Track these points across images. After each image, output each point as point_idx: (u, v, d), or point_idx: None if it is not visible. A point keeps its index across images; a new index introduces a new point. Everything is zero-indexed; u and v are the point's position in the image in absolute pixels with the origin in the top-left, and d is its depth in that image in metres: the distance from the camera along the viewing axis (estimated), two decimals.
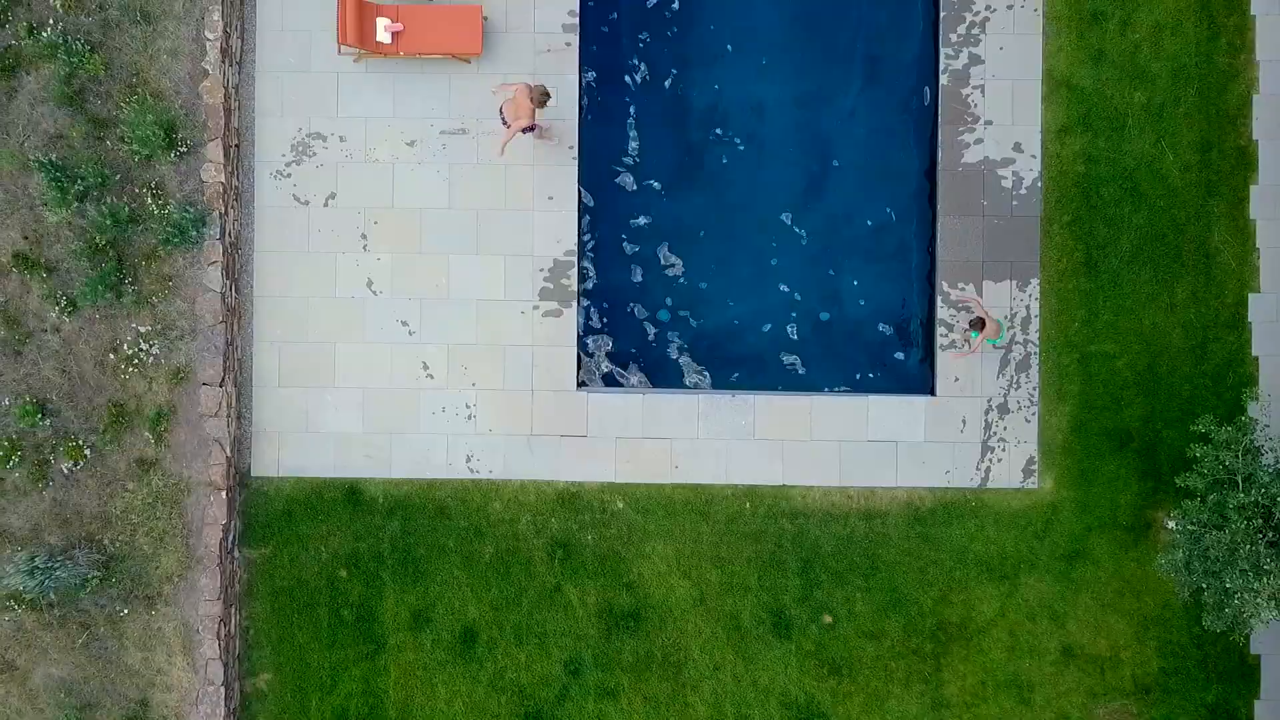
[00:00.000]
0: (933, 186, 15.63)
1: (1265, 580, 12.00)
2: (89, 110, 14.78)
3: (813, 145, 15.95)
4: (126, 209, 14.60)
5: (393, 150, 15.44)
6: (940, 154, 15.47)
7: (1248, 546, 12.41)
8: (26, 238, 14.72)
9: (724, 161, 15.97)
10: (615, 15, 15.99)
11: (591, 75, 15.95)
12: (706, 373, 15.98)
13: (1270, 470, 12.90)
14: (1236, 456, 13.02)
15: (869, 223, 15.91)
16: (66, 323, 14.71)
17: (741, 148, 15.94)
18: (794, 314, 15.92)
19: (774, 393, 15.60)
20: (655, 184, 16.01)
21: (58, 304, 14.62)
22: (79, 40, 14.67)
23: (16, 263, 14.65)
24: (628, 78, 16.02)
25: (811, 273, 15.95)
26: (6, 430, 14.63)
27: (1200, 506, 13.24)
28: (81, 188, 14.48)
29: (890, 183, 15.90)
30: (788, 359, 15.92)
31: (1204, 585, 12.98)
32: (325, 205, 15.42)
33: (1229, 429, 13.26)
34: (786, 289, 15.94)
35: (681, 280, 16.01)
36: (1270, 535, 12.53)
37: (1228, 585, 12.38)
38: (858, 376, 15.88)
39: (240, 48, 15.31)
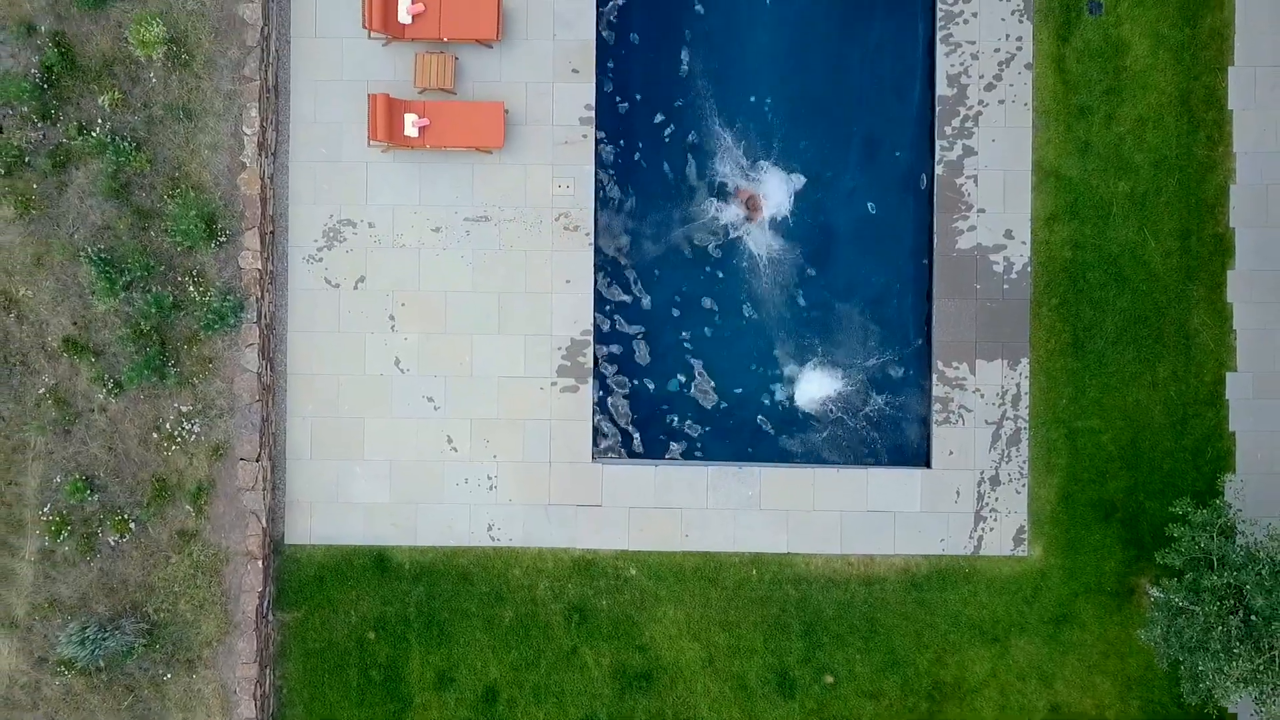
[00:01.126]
0: (929, 270, 16.56)
1: (1235, 664, 12.89)
2: (134, 202, 15.70)
3: (815, 231, 16.87)
4: (170, 297, 15.51)
5: (419, 236, 16.35)
6: (936, 240, 16.40)
7: (1219, 629, 13.31)
8: (76, 323, 15.63)
9: (731, 244, 16.88)
10: (628, 107, 16.90)
11: (607, 165, 16.85)
12: (714, 445, 16.89)
13: (1242, 553, 13.81)
14: (1211, 538, 13.93)
15: (869, 305, 16.83)
16: (113, 403, 15.62)
17: (748, 234, 16.87)
18: (797, 391, 16.83)
19: (778, 465, 16.51)
20: (667, 265, 16.91)
21: (105, 386, 15.53)
22: (125, 138, 15.58)
23: (66, 347, 15.55)
24: (640, 164, 16.93)
25: (815, 351, 16.86)
26: (57, 506, 15.53)
27: (1177, 586, 14.15)
28: (128, 278, 15.39)
29: (889, 267, 16.81)
30: (791, 433, 16.83)
31: (1180, 659, 13.90)
32: (355, 288, 16.33)
33: (1205, 512, 14.17)
34: (791, 366, 16.84)
35: (689, 356, 16.91)
36: (1241, 615, 13.43)
37: (1200, 668, 13.29)
38: (858, 449, 16.79)
39: (275, 140, 16.22)
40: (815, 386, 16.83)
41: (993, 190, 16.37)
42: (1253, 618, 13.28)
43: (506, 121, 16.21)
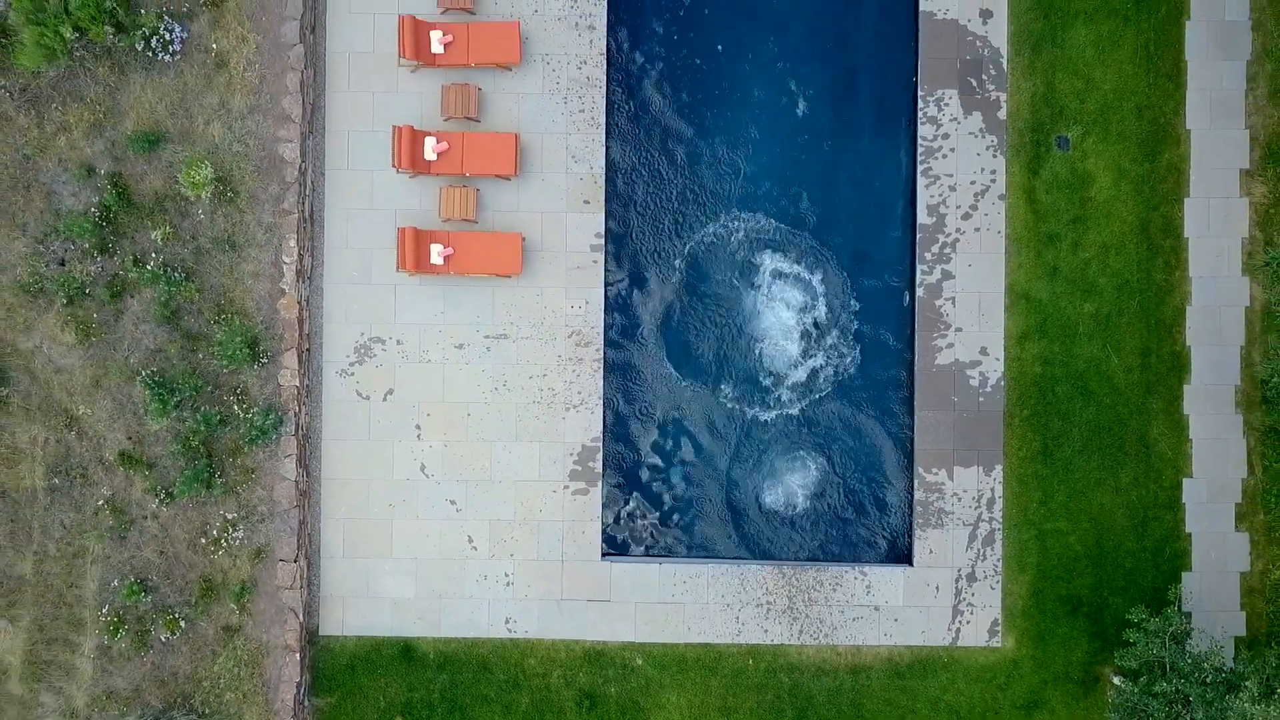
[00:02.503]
0: (911, 385, 18.03)
1: None
2: (184, 327, 17.17)
3: (810, 352, 18.37)
4: (217, 415, 16.97)
5: (443, 352, 17.80)
6: (917, 357, 17.87)
7: None
8: (131, 439, 17.08)
9: (727, 356, 18.38)
10: (634, 234, 18.38)
11: (615, 289, 18.32)
12: (715, 544, 18.35)
13: (1189, 661, 15.25)
14: (1164, 644, 15.38)
15: (858, 415, 18.31)
16: (165, 512, 17.07)
17: (745, 351, 18.38)
18: (793, 494, 18.30)
19: (774, 562, 17.95)
20: (675, 376, 18.39)
21: (157, 496, 16.98)
22: (176, 269, 17.05)
23: (122, 461, 17.01)
24: (649, 289, 18.40)
25: (809, 458, 18.33)
26: (114, 606, 16.97)
27: (1132, 689, 15.60)
28: (179, 398, 16.86)
29: (873, 382, 18.29)
30: (784, 533, 18.30)
31: None
32: (384, 400, 17.78)
33: (1157, 620, 15.61)
34: (786, 473, 18.32)
35: (690, 463, 18.39)
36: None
37: None
38: (846, 549, 18.26)
39: (311, 265, 17.68)
40: (805, 489, 18.28)
41: (969, 311, 17.83)
42: None
43: (524, 249, 17.66)
